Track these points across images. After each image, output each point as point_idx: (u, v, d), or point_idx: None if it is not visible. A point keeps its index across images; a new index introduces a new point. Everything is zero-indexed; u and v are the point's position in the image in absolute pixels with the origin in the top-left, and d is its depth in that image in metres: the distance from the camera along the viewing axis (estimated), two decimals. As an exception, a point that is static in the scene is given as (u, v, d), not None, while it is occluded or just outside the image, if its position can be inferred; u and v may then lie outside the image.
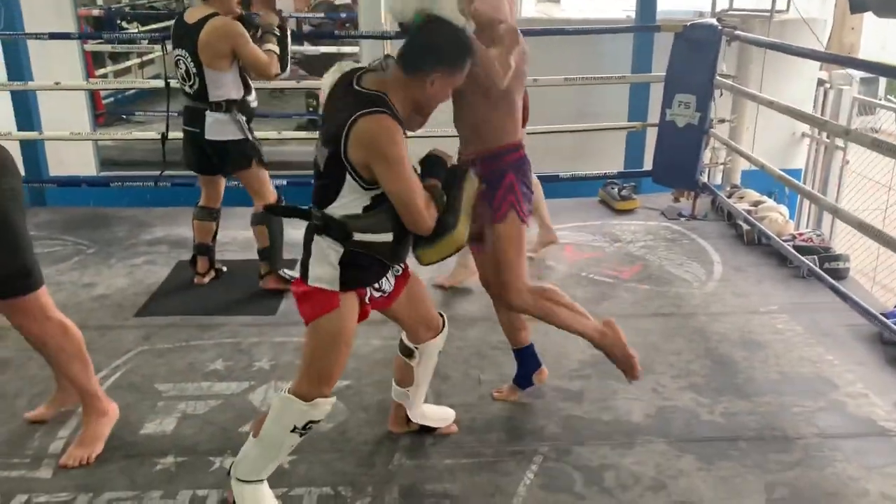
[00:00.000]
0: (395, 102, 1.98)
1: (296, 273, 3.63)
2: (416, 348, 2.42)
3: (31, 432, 2.62)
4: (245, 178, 3.58)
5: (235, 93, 3.43)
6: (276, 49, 3.42)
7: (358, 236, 2.03)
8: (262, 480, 2.20)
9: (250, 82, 3.53)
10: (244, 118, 3.48)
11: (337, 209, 2.03)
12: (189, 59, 3.37)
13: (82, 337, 2.49)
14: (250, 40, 3.35)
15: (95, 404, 2.52)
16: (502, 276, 2.49)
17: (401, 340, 2.46)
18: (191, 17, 3.40)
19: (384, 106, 1.95)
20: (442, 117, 2.39)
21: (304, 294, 2.12)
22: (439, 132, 3.32)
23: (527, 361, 2.80)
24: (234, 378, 2.98)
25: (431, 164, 2.14)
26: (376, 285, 2.18)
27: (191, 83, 3.42)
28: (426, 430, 2.59)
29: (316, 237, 2.08)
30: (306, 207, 2.15)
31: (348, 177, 1.98)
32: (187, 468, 2.45)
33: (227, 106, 3.42)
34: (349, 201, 2.01)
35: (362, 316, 2.19)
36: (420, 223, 2.04)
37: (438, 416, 2.63)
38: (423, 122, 2.12)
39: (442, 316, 2.46)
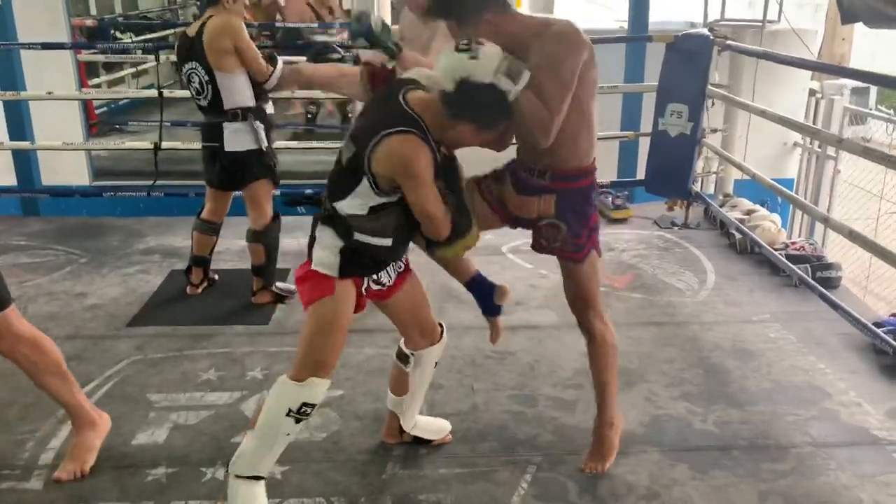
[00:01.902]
0: (431, 126, 2.02)
1: (290, 286, 3.65)
2: (412, 354, 2.43)
3: (21, 443, 2.60)
4: (252, 191, 3.55)
5: (250, 99, 3.43)
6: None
7: (358, 236, 2.07)
8: (259, 479, 2.19)
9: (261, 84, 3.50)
10: (262, 126, 3.47)
11: (345, 206, 2.07)
12: (200, 69, 3.36)
13: (59, 351, 2.44)
14: (249, 38, 3.36)
15: (83, 416, 2.50)
16: (585, 303, 2.42)
17: (399, 346, 2.47)
18: (191, 29, 3.42)
19: (416, 127, 1.99)
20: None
21: (304, 275, 2.16)
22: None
23: (481, 288, 2.55)
24: (227, 388, 2.97)
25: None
26: (375, 277, 2.21)
27: (204, 95, 3.41)
28: (420, 442, 2.58)
29: (321, 225, 2.13)
30: (318, 194, 2.21)
31: (365, 180, 2.03)
32: (179, 479, 2.44)
33: (244, 114, 3.42)
34: (359, 202, 2.05)
35: (358, 307, 2.20)
36: (440, 232, 2.11)
37: (433, 427, 2.62)
38: (449, 153, 2.16)
39: (441, 326, 2.46)
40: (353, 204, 2.06)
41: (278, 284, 3.71)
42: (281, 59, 3.49)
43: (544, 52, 2.10)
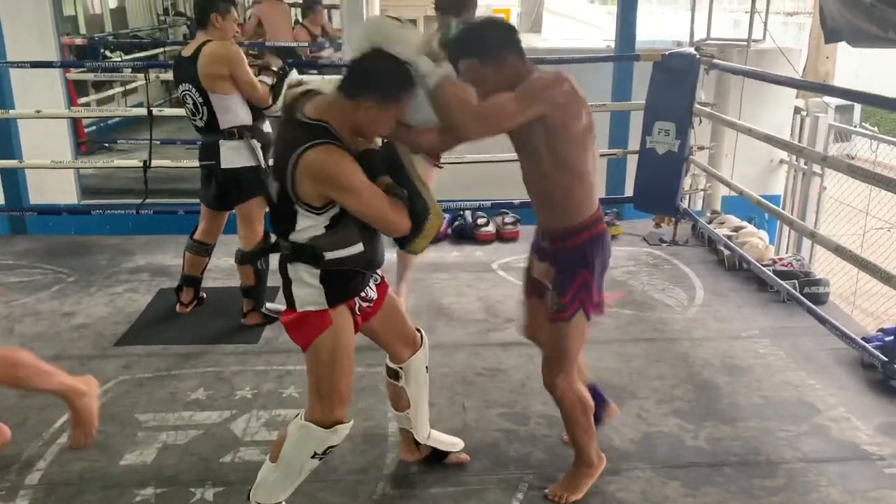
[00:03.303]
0: (338, 127, 1.98)
1: (280, 306, 3.63)
2: (401, 368, 2.40)
3: (8, 464, 2.57)
4: (245, 209, 3.53)
5: (245, 117, 3.42)
6: (269, 81, 3.43)
7: (329, 255, 2.03)
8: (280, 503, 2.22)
9: (263, 110, 3.50)
10: (259, 145, 3.45)
11: (300, 234, 2.04)
12: (194, 91, 3.36)
13: (28, 355, 2.29)
14: (247, 64, 3.36)
15: (74, 391, 2.35)
16: (557, 363, 2.34)
17: (386, 364, 2.44)
18: (187, 50, 3.42)
19: (326, 136, 1.95)
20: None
21: (294, 321, 2.11)
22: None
23: (594, 399, 2.53)
24: (216, 407, 2.95)
25: (368, 162, 2.06)
26: (362, 294, 2.18)
27: (200, 115, 3.41)
28: (437, 457, 2.56)
29: (289, 266, 2.09)
30: (267, 243, 2.19)
31: (299, 208, 2.00)
32: (167, 499, 2.41)
33: (240, 132, 3.41)
34: (308, 226, 2.02)
35: (356, 328, 2.18)
36: (397, 228, 2.06)
37: (447, 440, 2.60)
38: (370, 142, 2.10)
39: (419, 331, 2.44)
40: (307, 229, 2.02)
41: (268, 305, 3.69)
42: (293, 74, 3.49)
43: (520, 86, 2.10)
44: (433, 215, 2.12)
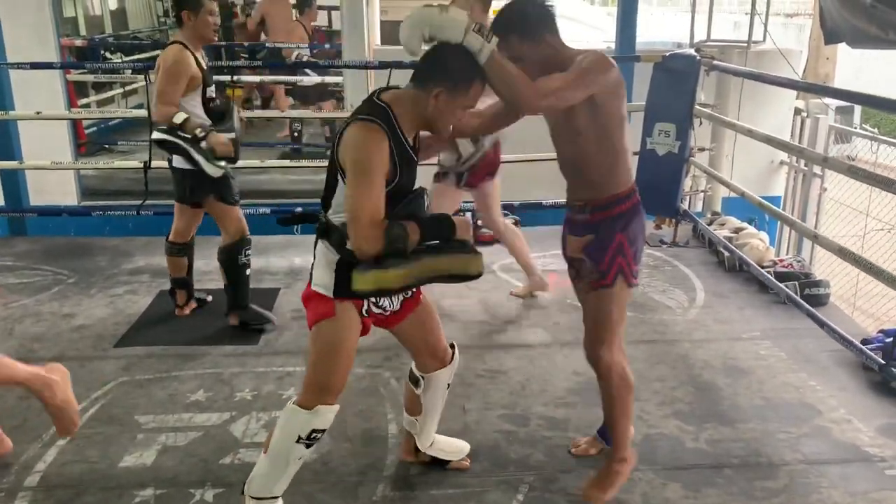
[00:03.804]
0: (401, 116, 2.00)
1: (268, 313, 3.62)
2: (423, 377, 2.40)
3: (7, 466, 2.56)
4: (209, 208, 3.50)
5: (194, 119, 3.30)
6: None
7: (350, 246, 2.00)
8: (276, 498, 2.19)
9: (235, 114, 3.44)
10: (197, 147, 3.30)
11: (335, 215, 2.05)
12: (154, 88, 3.32)
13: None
14: (177, 73, 3.23)
15: (40, 381, 2.29)
16: (599, 333, 2.35)
17: (411, 368, 2.45)
18: None
19: (380, 116, 1.97)
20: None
21: (307, 297, 2.14)
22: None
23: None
24: (216, 409, 2.94)
25: (411, 198, 2.06)
26: (374, 299, 2.13)
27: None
28: (438, 462, 2.55)
29: (319, 241, 2.10)
30: (311, 212, 2.20)
31: (339, 179, 2.01)
32: (167, 501, 2.41)
33: (177, 133, 3.29)
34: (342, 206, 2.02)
35: (364, 330, 2.17)
36: (358, 240, 1.93)
37: (451, 448, 2.58)
38: (444, 140, 2.16)
39: (453, 349, 2.43)
40: (340, 210, 2.02)
41: (254, 308, 3.63)
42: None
43: (574, 62, 2.14)
44: (385, 276, 1.97)
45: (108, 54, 8.80)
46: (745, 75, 4.67)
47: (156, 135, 3.32)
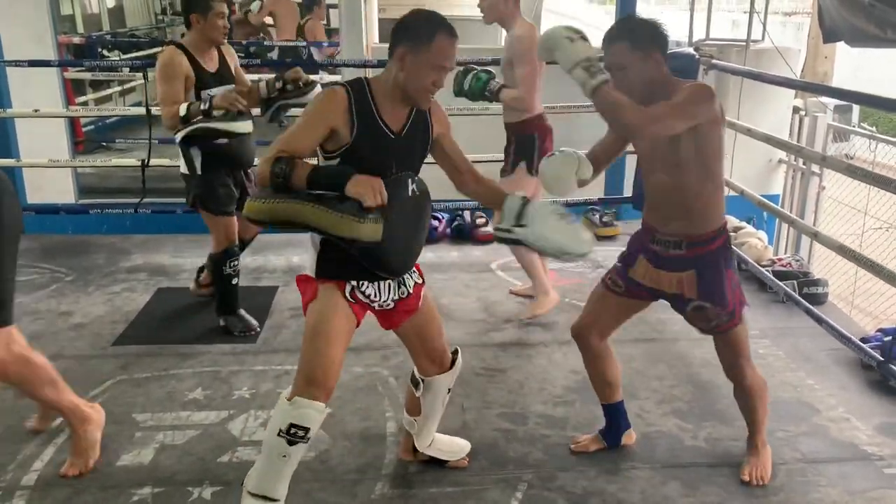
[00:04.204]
0: (377, 88, 2.03)
1: (248, 319, 3.57)
2: (423, 380, 2.40)
3: (4, 465, 2.56)
4: (203, 216, 3.45)
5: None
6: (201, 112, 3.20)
7: None
8: (272, 501, 2.10)
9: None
10: (200, 154, 3.30)
11: None
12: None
13: (47, 363, 2.45)
14: (167, 75, 3.19)
15: (79, 414, 2.51)
16: (741, 360, 2.46)
17: (413, 371, 2.45)
18: None
19: (352, 83, 2.02)
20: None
21: (298, 279, 2.14)
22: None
23: (616, 418, 2.65)
24: (214, 407, 2.94)
25: (394, 181, 1.98)
26: (355, 283, 2.08)
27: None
28: (436, 461, 2.55)
29: None
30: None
31: (319, 153, 2.04)
32: (165, 499, 2.40)
33: (184, 139, 3.27)
34: None
35: (356, 321, 2.12)
36: (261, 162, 1.94)
37: (449, 448, 2.57)
38: (424, 106, 2.08)
39: (455, 354, 2.43)
40: None
41: (240, 313, 3.59)
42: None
43: (679, 90, 2.15)
44: (258, 206, 1.91)
45: (105, 52, 8.79)
46: (744, 74, 4.67)
47: (178, 137, 3.28)
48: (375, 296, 2.14)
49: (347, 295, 2.08)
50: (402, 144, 2.07)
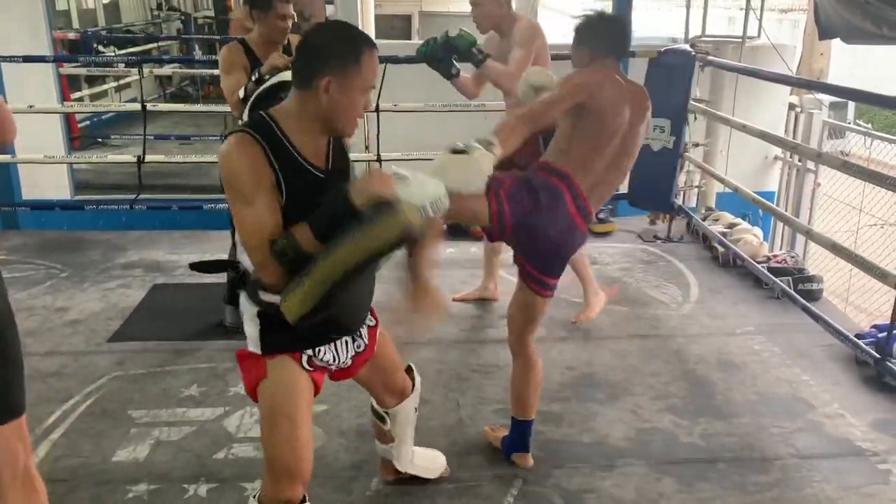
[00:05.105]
0: (288, 125, 1.68)
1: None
2: (387, 413, 2.22)
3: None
4: None
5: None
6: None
7: (263, 296, 1.71)
8: None
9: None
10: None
11: (243, 252, 1.72)
12: None
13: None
14: (225, 68, 3.15)
15: None
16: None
17: (371, 405, 2.26)
18: None
19: (255, 127, 1.67)
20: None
21: (239, 356, 1.84)
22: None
23: (518, 433, 2.57)
24: (209, 404, 2.93)
25: (322, 209, 1.65)
26: (311, 351, 1.81)
27: None
28: (418, 479, 2.49)
29: (239, 291, 1.83)
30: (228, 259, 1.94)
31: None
32: (160, 496, 2.40)
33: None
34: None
35: (315, 389, 1.87)
36: (254, 264, 1.69)
37: (431, 464, 2.46)
38: (348, 135, 1.78)
39: (411, 374, 2.24)
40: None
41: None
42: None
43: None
44: (298, 297, 1.63)
45: (101, 48, 8.76)
46: (740, 71, 4.67)
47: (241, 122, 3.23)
48: (334, 360, 1.88)
49: (305, 364, 1.81)
50: (331, 179, 1.75)
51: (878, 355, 3.07)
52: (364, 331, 1.95)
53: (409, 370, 2.25)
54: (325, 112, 1.67)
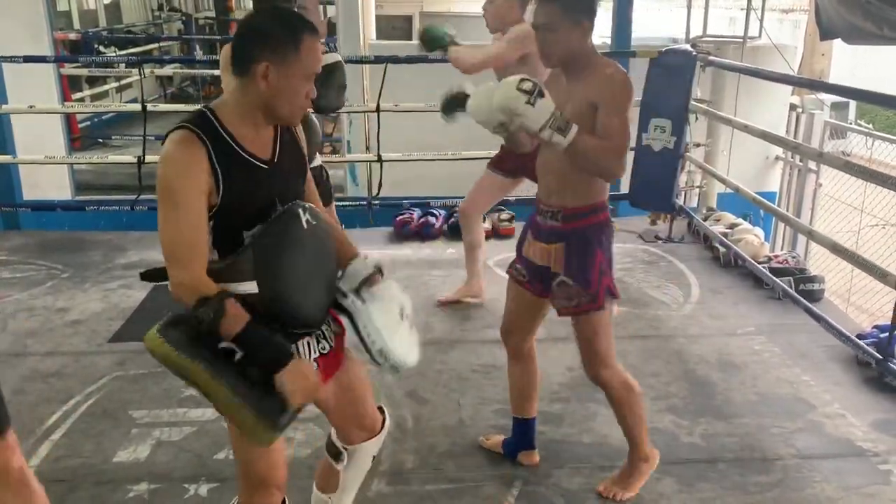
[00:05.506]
0: (226, 115, 1.61)
1: None
2: (346, 450, 1.95)
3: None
4: None
5: None
6: None
7: (222, 285, 1.59)
8: None
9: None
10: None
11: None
12: None
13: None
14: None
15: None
16: (596, 355, 2.33)
17: (328, 438, 2.00)
18: None
19: (195, 121, 1.59)
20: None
21: None
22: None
23: (522, 434, 2.57)
24: (210, 404, 2.92)
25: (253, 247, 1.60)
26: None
27: None
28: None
29: None
30: None
31: None
32: (161, 495, 2.41)
33: None
34: None
35: None
36: (172, 285, 1.61)
37: None
38: (294, 124, 1.73)
39: (383, 413, 2.01)
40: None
41: None
42: None
43: (611, 94, 2.10)
44: (167, 354, 1.64)
45: (101, 48, 8.78)
46: (741, 71, 4.67)
47: None
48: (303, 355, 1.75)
49: None
50: (278, 172, 1.67)
51: (879, 356, 3.06)
52: (328, 332, 1.80)
53: (380, 409, 2.03)
54: (265, 99, 1.60)
